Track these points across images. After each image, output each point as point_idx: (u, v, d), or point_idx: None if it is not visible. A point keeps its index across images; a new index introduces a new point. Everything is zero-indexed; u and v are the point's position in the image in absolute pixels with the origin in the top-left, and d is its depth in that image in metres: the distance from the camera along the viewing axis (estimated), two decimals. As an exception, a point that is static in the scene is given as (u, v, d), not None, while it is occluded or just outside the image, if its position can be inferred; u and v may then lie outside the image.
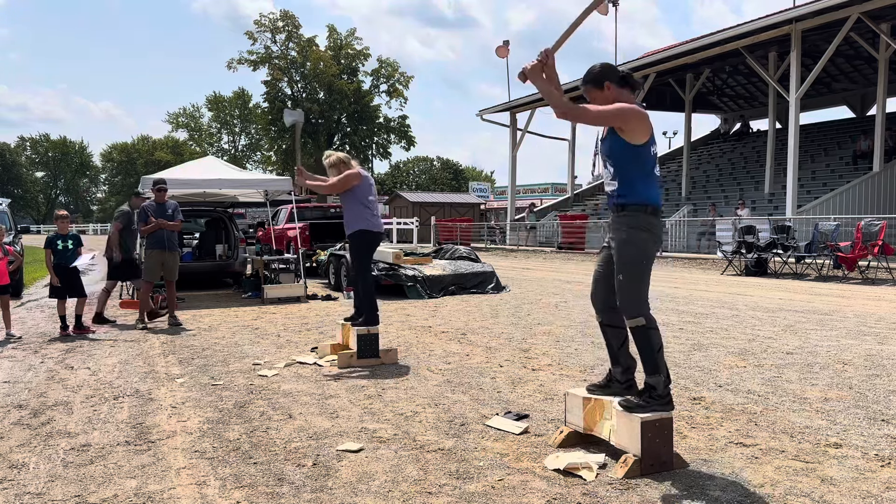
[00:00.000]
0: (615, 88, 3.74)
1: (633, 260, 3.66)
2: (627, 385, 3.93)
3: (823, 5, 18.12)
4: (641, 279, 3.69)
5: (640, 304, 3.67)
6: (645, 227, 3.67)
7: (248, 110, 78.07)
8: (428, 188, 76.93)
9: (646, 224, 3.67)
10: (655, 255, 3.81)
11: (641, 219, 3.67)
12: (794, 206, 19.31)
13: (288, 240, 16.46)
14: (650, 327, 3.66)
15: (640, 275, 3.68)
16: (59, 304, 8.37)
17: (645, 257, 3.69)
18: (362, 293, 6.50)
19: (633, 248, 3.66)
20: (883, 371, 5.76)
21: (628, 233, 3.67)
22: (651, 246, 3.72)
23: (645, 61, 24.77)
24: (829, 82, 29.48)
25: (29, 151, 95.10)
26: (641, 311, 3.66)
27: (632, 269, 3.66)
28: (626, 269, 3.67)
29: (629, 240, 3.66)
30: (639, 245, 3.66)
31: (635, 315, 3.65)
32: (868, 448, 3.90)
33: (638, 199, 3.67)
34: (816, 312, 9.31)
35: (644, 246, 3.68)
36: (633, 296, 3.67)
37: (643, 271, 3.69)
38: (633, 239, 3.66)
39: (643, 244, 3.67)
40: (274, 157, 65.91)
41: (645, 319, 3.65)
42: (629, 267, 3.66)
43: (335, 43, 62.09)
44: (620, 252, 3.69)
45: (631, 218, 3.67)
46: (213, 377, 5.87)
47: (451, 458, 3.82)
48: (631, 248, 3.66)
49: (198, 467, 3.74)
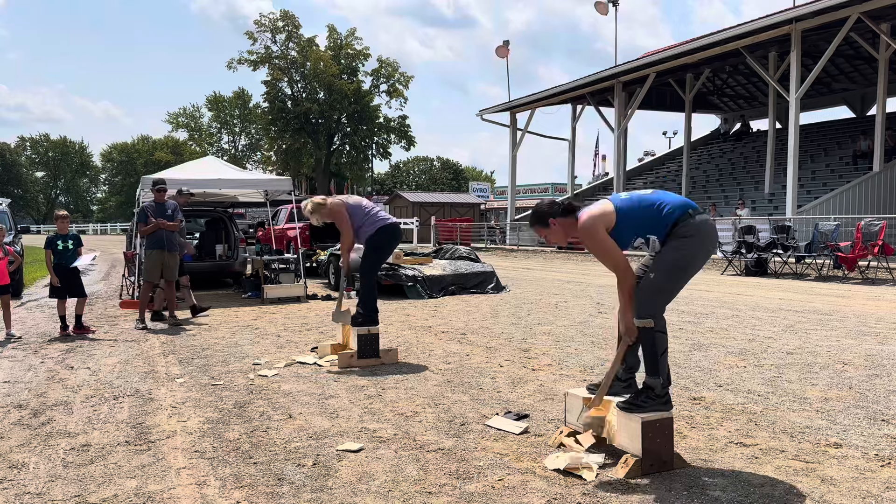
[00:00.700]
0: (561, 220, 3.84)
1: (671, 264, 3.64)
2: (627, 383, 3.93)
3: (823, 5, 18.13)
4: (671, 286, 3.67)
5: (656, 306, 3.65)
6: (692, 233, 3.63)
7: (248, 110, 78.06)
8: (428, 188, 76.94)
9: (692, 229, 3.63)
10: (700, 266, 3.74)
11: (687, 224, 3.63)
12: (794, 206, 19.31)
13: (288, 240, 16.47)
14: (658, 330, 3.65)
15: (671, 281, 3.66)
16: (59, 304, 8.37)
17: (686, 264, 3.65)
18: (364, 293, 6.52)
19: (676, 252, 3.63)
20: (883, 371, 5.76)
21: (679, 240, 3.64)
22: (697, 253, 3.67)
23: (645, 61, 24.77)
24: (829, 82, 29.48)
25: (29, 151, 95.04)
26: (654, 312, 3.64)
27: (666, 273, 3.64)
28: (660, 271, 3.65)
29: (676, 247, 3.64)
30: (683, 251, 3.63)
31: (647, 315, 3.64)
32: (868, 448, 3.90)
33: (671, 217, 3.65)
34: (816, 312, 9.31)
35: (689, 253, 3.64)
36: (652, 297, 3.64)
37: (677, 279, 3.67)
38: (680, 246, 3.63)
39: (689, 250, 3.64)
40: (274, 157, 65.89)
41: (654, 322, 3.64)
42: (665, 270, 3.64)
43: (335, 43, 62.08)
44: (664, 254, 3.67)
45: (679, 228, 3.65)
46: (213, 377, 5.87)
47: (451, 458, 3.82)
48: (674, 252, 3.64)
49: (198, 467, 3.74)
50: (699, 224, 3.67)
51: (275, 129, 61.20)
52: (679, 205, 3.69)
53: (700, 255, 3.70)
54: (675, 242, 3.65)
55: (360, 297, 6.52)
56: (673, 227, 3.65)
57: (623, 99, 27.48)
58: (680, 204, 3.70)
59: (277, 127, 60.65)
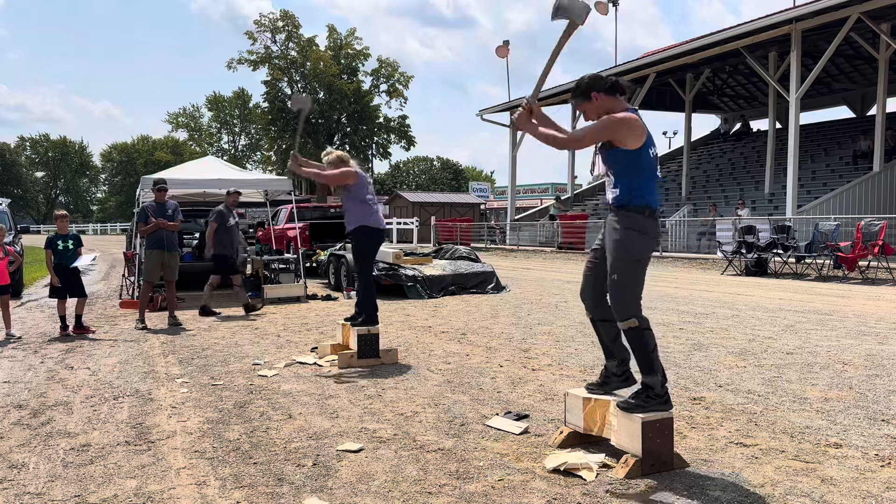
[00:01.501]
0: (604, 97, 3.75)
1: (627, 261, 3.66)
2: (624, 377, 3.93)
3: (823, 5, 18.12)
4: (635, 280, 3.68)
5: (631, 305, 3.66)
6: (641, 229, 3.66)
7: (248, 110, 78.09)
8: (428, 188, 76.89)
9: (642, 226, 3.67)
10: (650, 258, 3.81)
11: (639, 220, 3.67)
12: (794, 206, 19.31)
13: (288, 240, 16.46)
14: (643, 328, 3.66)
15: (633, 276, 3.67)
16: (59, 304, 8.37)
17: (640, 258, 3.69)
18: (363, 292, 6.51)
19: (627, 248, 3.65)
20: (883, 371, 5.76)
21: (624, 233, 3.66)
22: (646, 248, 3.72)
23: (645, 61, 24.77)
24: (829, 82, 29.47)
25: (29, 151, 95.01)
26: (633, 312, 3.65)
27: (626, 270, 3.65)
28: (619, 270, 3.66)
29: (624, 240, 3.66)
30: (634, 246, 3.66)
31: (628, 316, 3.65)
32: (868, 448, 3.90)
33: (638, 202, 3.67)
34: (816, 312, 9.31)
35: (640, 247, 3.68)
36: (625, 297, 3.66)
37: (637, 272, 3.69)
38: (629, 239, 3.65)
39: (639, 245, 3.67)
40: (274, 157, 65.91)
41: (637, 320, 3.64)
42: (623, 268, 3.65)
43: (335, 43, 62.13)
44: (615, 252, 3.68)
45: (628, 219, 3.67)
46: (213, 377, 5.87)
47: (451, 458, 3.82)
48: (626, 248, 3.65)
49: (198, 467, 3.74)
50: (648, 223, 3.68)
51: (275, 129, 61.25)
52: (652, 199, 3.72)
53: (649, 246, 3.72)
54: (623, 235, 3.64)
55: (360, 298, 6.52)
56: (632, 209, 3.65)
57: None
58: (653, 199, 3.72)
59: (277, 127, 60.68)
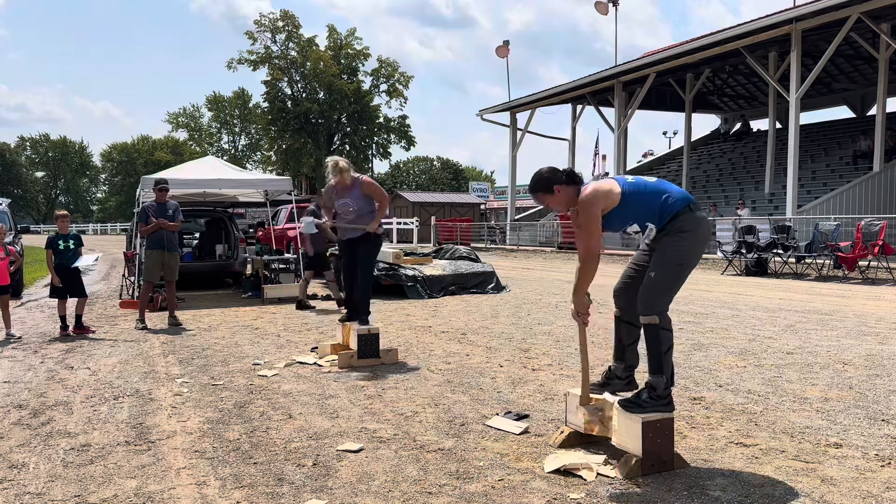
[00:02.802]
0: (565, 188, 3.77)
1: (672, 263, 3.64)
2: (627, 381, 3.93)
3: (823, 5, 18.12)
4: (673, 283, 3.66)
5: (661, 303, 3.64)
6: (692, 228, 3.64)
7: (248, 110, 78.06)
8: (428, 188, 76.89)
9: (694, 224, 3.64)
10: (696, 262, 3.75)
11: (689, 219, 3.64)
12: (794, 206, 19.30)
13: (288, 240, 16.45)
14: (663, 327, 3.64)
15: (674, 278, 3.66)
16: (59, 304, 8.36)
17: (685, 262, 3.66)
18: (363, 293, 6.54)
19: (675, 249, 3.64)
20: (883, 371, 5.76)
21: (676, 237, 3.64)
22: (694, 252, 3.68)
23: (645, 61, 24.77)
24: (829, 82, 29.47)
25: (29, 151, 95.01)
26: (660, 309, 3.63)
27: (668, 271, 3.64)
28: (660, 268, 3.64)
29: (674, 242, 3.64)
30: (683, 250, 3.64)
31: (652, 313, 3.63)
32: (868, 448, 3.90)
33: (673, 209, 3.66)
34: (816, 312, 9.31)
35: (688, 252, 3.65)
36: (657, 295, 3.63)
37: (679, 275, 3.67)
38: (681, 242, 3.63)
39: (688, 249, 3.64)
40: (274, 157, 65.89)
41: (659, 318, 3.63)
42: (666, 268, 3.64)
43: (335, 43, 62.10)
44: (661, 253, 3.67)
45: (679, 223, 3.65)
46: (213, 377, 5.87)
47: (451, 458, 3.82)
48: (673, 249, 3.64)
49: (198, 467, 3.74)
50: (698, 219, 3.69)
51: (275, 129, 61.21)
52: (681, 197, 3.71)
53: (697, 249, 3.71)
54: (672, 238, 3.65)
55: (359, 297, 6.53)
56: (673, 219, 3.65)
57: (623, 99, 27.49)
58: (682, 196, 3.71)
59: (277, 127, 60.65)
